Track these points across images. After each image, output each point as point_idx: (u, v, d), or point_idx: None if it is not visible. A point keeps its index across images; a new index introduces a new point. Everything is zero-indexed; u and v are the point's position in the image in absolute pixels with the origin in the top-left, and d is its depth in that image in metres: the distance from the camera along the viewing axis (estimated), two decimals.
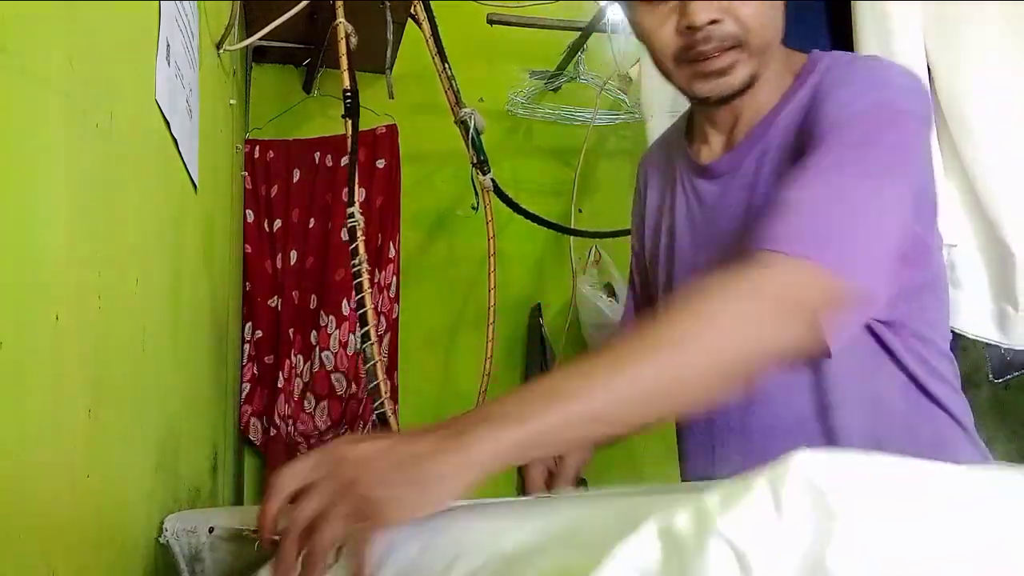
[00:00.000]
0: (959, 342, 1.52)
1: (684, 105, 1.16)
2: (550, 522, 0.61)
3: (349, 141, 1.74)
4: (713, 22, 0.92)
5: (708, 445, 1.05)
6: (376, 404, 1.43)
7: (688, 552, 0.43)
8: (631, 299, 1.27)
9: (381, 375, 1.43)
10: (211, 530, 0.90)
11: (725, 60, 0.94)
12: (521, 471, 1.06)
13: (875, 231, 0.84)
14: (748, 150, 1.00)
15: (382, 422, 1.45)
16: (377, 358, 1.43)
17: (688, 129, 1.12)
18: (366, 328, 1.47)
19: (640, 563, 0.44)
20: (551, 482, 1.04)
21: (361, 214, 1.63)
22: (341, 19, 1.80)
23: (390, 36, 2.09)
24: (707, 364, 0.74)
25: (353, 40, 1.79)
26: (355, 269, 1.53)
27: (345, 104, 1.75)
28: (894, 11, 1.47)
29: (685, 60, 0.95)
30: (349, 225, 1.58)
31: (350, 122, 1.75)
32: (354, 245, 1.56)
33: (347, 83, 1.75)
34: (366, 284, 1.52)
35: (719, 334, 0.75)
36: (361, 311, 1.50)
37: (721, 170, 1.03)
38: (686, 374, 0.73)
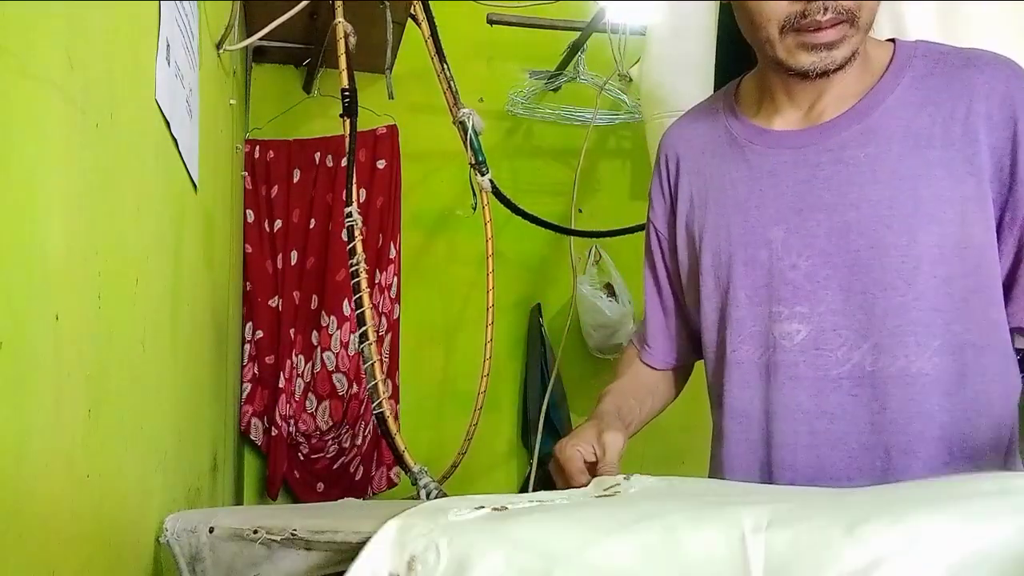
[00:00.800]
0: None
1: (684, 104, 1.15)
2: (641, 534, 0.61)
3: (347, 141, 1.74)
4: None
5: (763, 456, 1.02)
6: (375, 404, 1.43)
7: None
8: (655, 293, 1.20)
9: (380, 375, 1.43)
10: (211, 530, 0.90)
11: (835, 33, 0.92)
12: (551, 464, 1.02)
13: None
14: (846, 126, 0.98)
15: (380, 423, 1.45)
16: (376, 358, 1.43)
17: (738, 100, 1.09)
18: (364, 328, 1.47)
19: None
20: (593, 470, 0.98)
21: (360, 214, 1.63)
22: (340, 19, 1.80)
23: (389, 36, 2.09)
24: None
25: (352, 40, 1.79)
26: (353, 269, 1.53)
27: (344, 104, 1.76)
28: (907, 11, 1.47)
29: (794, 28, 0.93)
30: (347, 225, 1.58)
31: (348, 122, 1.75)
32: (352, 245, 1.56)
33: (346, 83, 1.75)
34: (364, 284, 1.52)
35: None
36: (359, 311, 1.50)
37: (803, 141, 1.00)
38: None
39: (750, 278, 1.02)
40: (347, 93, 1.75)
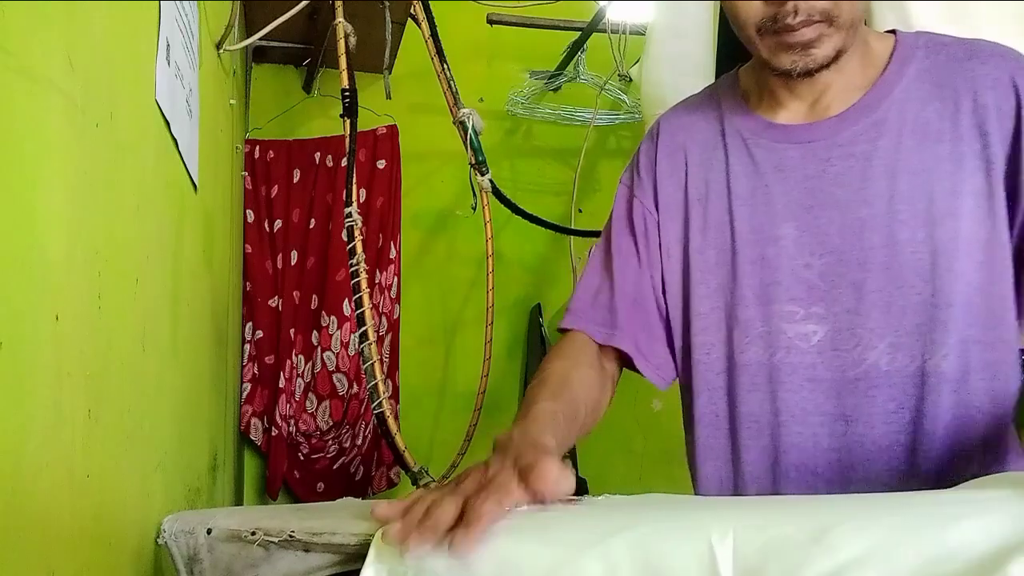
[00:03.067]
0: None
1: None
2: (611, 548, 0.61)
3: (347, 141, 1.74)
4: None
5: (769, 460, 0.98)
6: (375, 404, 1.44)
7: None
8: (633, 270, 1.07)
9: (380, 375, 1.43)
10: (209, 531, 0.90)
11: (810, 33, 0.91)
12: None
13: None
14: (855, 120, 0.96)
15: (380, 423, 1.45)
16: (376, 358, 1.43)
17: (739, 92, 1.06)
18: (364, 328, 1.48)
19: None
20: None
21: (360, 214, 1.63)
22: (340, 19, 1.80)
23: (389, 36, 2.09)
24: None
25: (352, 40, 1.79)
26: (353, 269, 1.53)
27: (344, 104, 1.76)
28: (914, 10, 1.47)
29: (769, 30, 0.92)
30: (347, 225, 1.59)
31: (348, 122, 1.75)
32: (351, 245, 1.57)
33: (346, 83, 1.75)
34: (364, 284, 1.52)
35: None
36: (359, 311, 1.50)
37: (812, 135, 0.98)
38: None
39: (757, 277, 0.98)
40: (347, 93, 1.75)
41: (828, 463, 0.95)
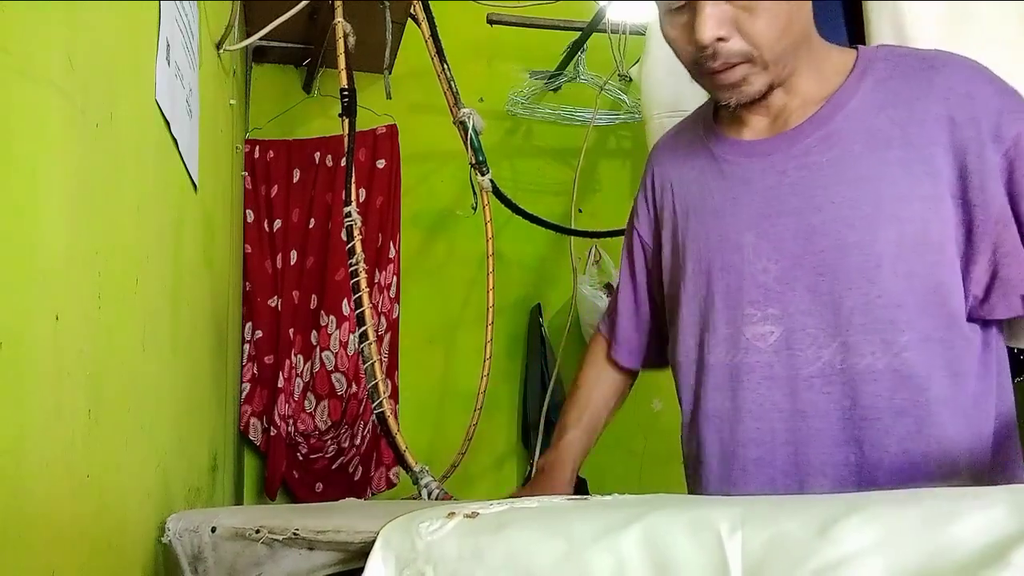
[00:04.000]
0: None
1: (684, 104, 1.15)
2: (619, 542, 0.62)
3: (346, 140, 1.74)
4: (720, 39, 0.92)
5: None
6: (375, 404, 1.44)
7: None
8: (630, 293, 1.25)
9: (380, 375, 1.43)
10: (213, 530, 0.90)
11: (736, 74, 0.95)
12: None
13: None
14: (810, 132, 1.00)
15: (381, 422, 1.45)
16: (376, 358, 1.43)
17: (715, 115, 1.12)
18: (364, 328, 1.48)
19: None
20: None
21: (359, 214, 1.63)
22: (339, 19, 1.80)
23: (389, 36, 2.09)
24: None
25: (351, 40, 1.79)
26: (352, 269, 1.53)
27: (343, 103, 1.76)
28: (908, 9, 1.47)
29: (700, 71, 0.97)
30: (347, 224, 1.59)
31: (347, 121, 1.75)
32: (351, 244, 1.57)
33: (345, 82, 1.76)
34: (363, 283, 1.52)
35: None
36: (359, 311, 1.50)
37: (771, 148, 1.03)
38: None
39: (724, 282, 1.04)
40: (346, 93, 1.75)
41: (786, 456, 1.00)
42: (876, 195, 0.95)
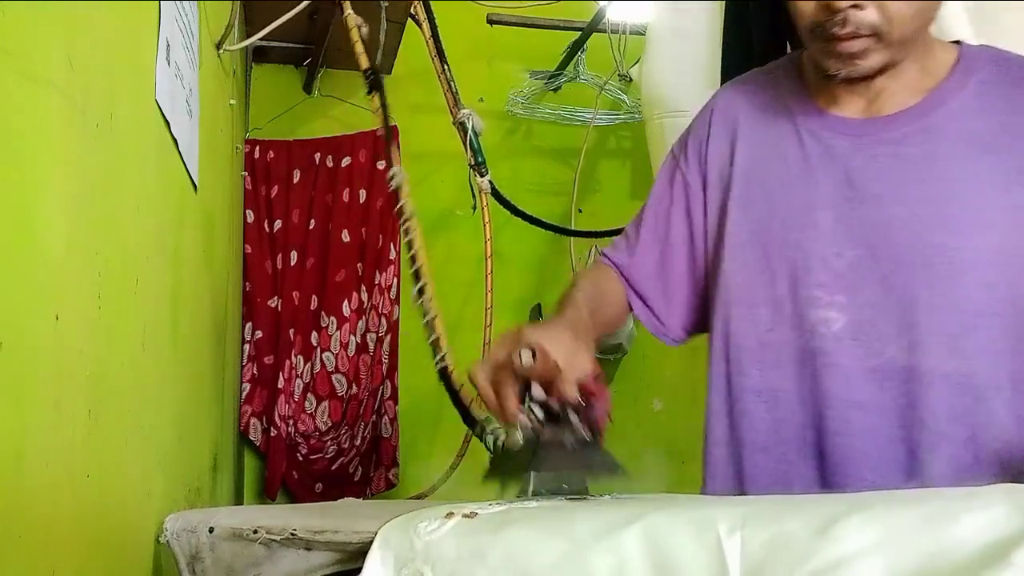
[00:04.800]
0: None
1: (684, 104, 1.14)
2: (619, 543, 0.62)
3: (382, 113, 1.72)
4: (855, 6, 0.90)
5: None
6: (438, 359, 1.38)
7: None
8: (657, 241, 1.12)
9: (440, 329, 1.38)
10: (211, 530, 0.90)
11: (857, 45, 0.92)
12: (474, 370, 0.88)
13: None
14: (907, 123, 0.98)
15: (444, 377, 1.37)
16: (435, 312, 1.38)
17: (799, 76, 1.07)
18: (421, 283, 1.43)
19: None
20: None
21: (358, 213, 1.62)
22: (349, 11, 1.78)
23: (381, 37, 2.07)
24: None
25: (364, 30, 1.78)
26: (404, 226, 1.49)
27: (368, 81, 1.73)
28: (944, 10, 1.47)
29: (819, 35, 0.93)
30: (393, 186, 1.55)
31: (378, 96, 1.73)
32: (400, 204, 1.52)
33: (366, 64, 1.73)
34: (417, 241, 1.47)
35: None
36: (415, 267, 1.45)
37: (861, 130, 0.99)
38: None
39: (789, 259, 1.00)
40: (370, 72, 1.72)
41: (835, 447, 0.97)
42: (966, 199, 0.93)
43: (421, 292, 1.37)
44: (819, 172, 1.00)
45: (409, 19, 2.20)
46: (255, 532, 0.86)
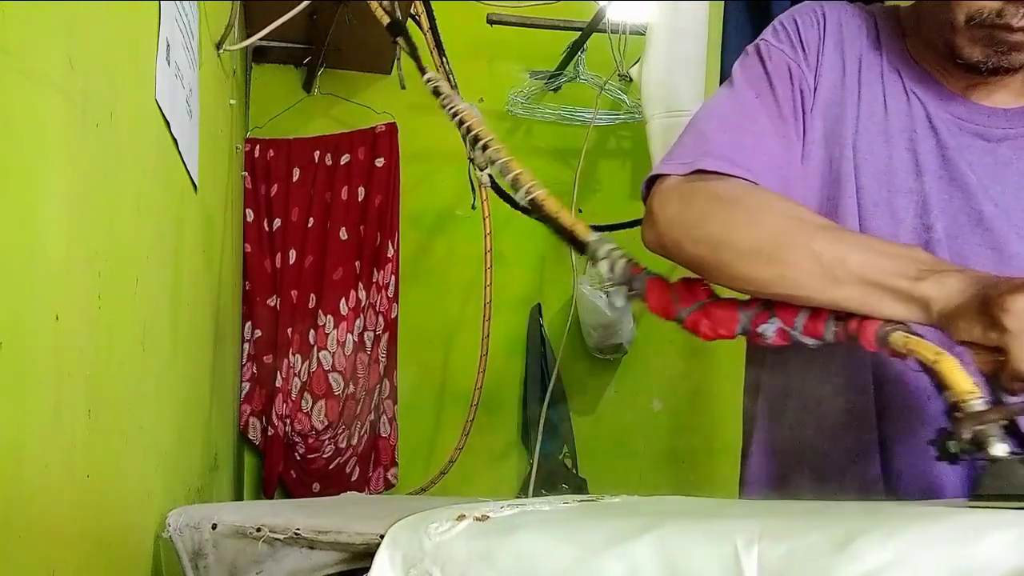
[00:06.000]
0: None
1: (684, 104, 1.13)
2: (631, 551, 0.61)
3: (427, 22, 1.64)
4: None
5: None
6: (523, 191, 1.21)
7: None
8: (780, 140, 0.97)
9: (518, 167, 1.26)
10: (214, 526, 0.90)
11: (1022, 36, 0.89)
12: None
13: None
14: (1016, 124, 0.96)
15: (536, 208, 1.20)
16: (507, 156, 1.26)
17: (903, 32, 1.01)
18: (484, 140, 1.29)
19: None
20: None
21: (356, 212, 1.58)
22: None
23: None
24: None
25: None
26: (450, 109, 1.34)
27: (391, 31, 1.66)
28: None
29: (984, 22, 0.89)
30: (433, 85, 1.43)
31: (402, 40, 1.67)
32: (442, 96, 1.40)
33: (386, 19, 1.66)
34: (460, 106, 1.34)
35: None
36: (465, 128, 1.30)
37: (967, 114, 0.97)
38: None
39: (879, 219, 0.95)
40: (390, 24, 1.66)
41: (916, 435, 0.91)
42: None
43: (485, 147, 1.24)
44: (921, 140, 0.96)
45: (409, 19, 2.19)
46: (258, 531, 0.86)
